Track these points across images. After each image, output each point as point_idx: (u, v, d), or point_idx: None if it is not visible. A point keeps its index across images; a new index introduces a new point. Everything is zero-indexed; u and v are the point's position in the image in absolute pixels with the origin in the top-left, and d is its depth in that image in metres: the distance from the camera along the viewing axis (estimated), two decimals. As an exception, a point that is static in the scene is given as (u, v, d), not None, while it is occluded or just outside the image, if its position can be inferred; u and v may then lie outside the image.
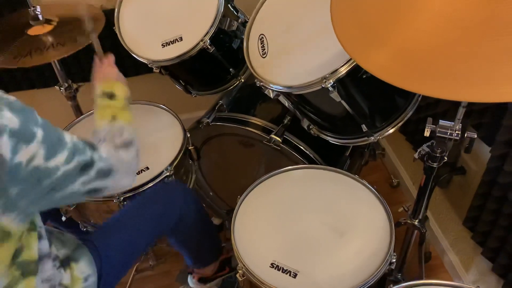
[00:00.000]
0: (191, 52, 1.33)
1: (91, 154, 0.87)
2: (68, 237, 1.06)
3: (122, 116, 1.04)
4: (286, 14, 1.25)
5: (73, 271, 0.99)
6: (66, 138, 0.83)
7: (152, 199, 1.25)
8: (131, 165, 0.98)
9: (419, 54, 0.72)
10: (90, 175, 0.87)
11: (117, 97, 1.08)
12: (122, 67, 1.92)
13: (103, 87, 1.09)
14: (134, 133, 1.02)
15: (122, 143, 0.97)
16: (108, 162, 0.90)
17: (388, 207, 1.18)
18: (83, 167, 0.85)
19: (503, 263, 1.32)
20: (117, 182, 0.94)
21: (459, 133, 1.04)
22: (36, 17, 1.36)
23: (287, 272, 1.08)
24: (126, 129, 1.01)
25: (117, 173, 0.93)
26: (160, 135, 1.48)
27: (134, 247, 1.20)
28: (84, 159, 0.85)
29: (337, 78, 1.06)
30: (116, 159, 0.93)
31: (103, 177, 0.89)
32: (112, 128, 1.00)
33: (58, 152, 0.80)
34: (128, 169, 0.96)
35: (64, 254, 1.00)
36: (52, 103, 2.02)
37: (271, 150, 1.44)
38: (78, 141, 0.85)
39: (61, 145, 0.81)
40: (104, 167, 0.89)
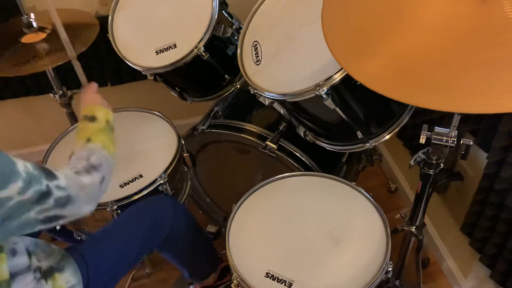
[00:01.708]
0: (185, 59, 1.32)
1: (47, 183, 0.84)
2: (54, 248, 1.05)
3: (98, 138, 1.04)
4: (280, 21, 1.25)
5: (56, 282, 0.98)
6: (19, 168, 0.80)
7: (142, 213, 1.24)
8: (93, 191, 0.94)
9: (411, 64, 0.71)
10: (47, 205, 0.84)
11: (98, 119, 1.08)
12: (118, 73, 1.95)
13: (85, 112, 1.10)
14: (104, 159, 1.01)
15: (87, 167, 0.95)
16: (66, 191, 0.87)
17: (384, 215, 1.17)
18: (39, 197, 0.82)
19: (501, 270, 1.31)
20: (76, 210, 0.91)
21: (455, 140, 1.03)
22: (30, 24, 1.36)
23: (282, 282, 1.06)
24: (97, 153, 1.00)
25: (77, 201, 0.90)
26: (154, 142, 1.47)
27: (124, 258, 1.19)
28: (39, 189, 0.82)
29: (331, 85, 1.05)
30: (76, 186, 0.90)
31: (61, 206, 0.87)
32: (82, 151, 0.99)
33: (11, 182, 0.77)
34: (89, 196, 0.93)
35: (48, 265, 0.99)
36: (47, 110, 2.02)
37: (267, 157, 1.43)
38: (33, 170, 0.82)
39: (14, 175, 0.78)
40: (62, 196, 0.86)
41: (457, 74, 0.66)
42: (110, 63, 1.90)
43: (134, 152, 1.43)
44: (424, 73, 0.69)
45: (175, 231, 1.27)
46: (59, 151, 1.46)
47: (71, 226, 1.40)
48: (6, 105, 2.00)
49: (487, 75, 0.64)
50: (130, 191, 1.30)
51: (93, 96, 1.16)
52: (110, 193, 1.29)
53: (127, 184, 1.34)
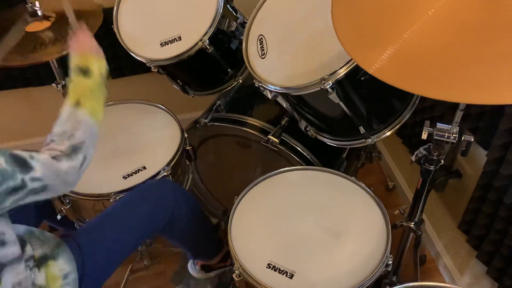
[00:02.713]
0: (189, 52, 1.33)
1: (22, 177, 0.83)
2: (48, 236, 1.04)
3: (87, 101, 0.98)
4: (286, 15, 1.26)
5: (50, 269, 0.98)
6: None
7: (141, 200, 1.22)
8: (70, 177, 0.92)
9: (418, 56, 0.72)
10: (22, 194, 0.84)
11: (92, 73, 1.02)
12: (119, 66, 1.95)
13: (78, 61, 1.03)
14: (89, 130, 0.97)
15: (68, 150, 0.92)
16: (42, 181, 0.86)
17: (384, 209, 1.19)
18: (13, 190, 0.82)
19: (497, 267, 1.33)
20: (51, 195, 0.91)
21: (456, 136, 1.05)
22: (35, 13, 1.35)
23: (284, 272, 1.08)
24: (83, 125, 0.96)
25: (53, 188, 0.89)
26: (157, 134, 1.47)
27: (121, 246, 1.17)
28: (13, 184, 0.82)
29: (336, 79, 1.06)
30: (52, 174, 0.88)
31: (36, 193, 0.87)
32: (69, 120, 0.95)
33: None
34: (65, 181, 0.91)
35: (42, 253, 0.99)
36: (47, 101, 2.02)
37: (268, 151, 1.44)
38: (5, 166, 0.81)
39: None
40: (38, 186, 0.86)
41: (463, 66, 0.68)
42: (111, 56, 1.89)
43: (138, 144, 1.44)
44: (431, 64, 0.70)
45: (175, 218, 1.26)
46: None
47: (72, 216, 1.40)
48: (5, 95, 1.99)
49: (492, 67, 0.66)
50: (133, 183, 1.31)
51: (87, 41, 1.09)
52: (113, 184, 1.31)
53: (130, 175, 1.34)
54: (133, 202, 1.22)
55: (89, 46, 1.08)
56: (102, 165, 1.37)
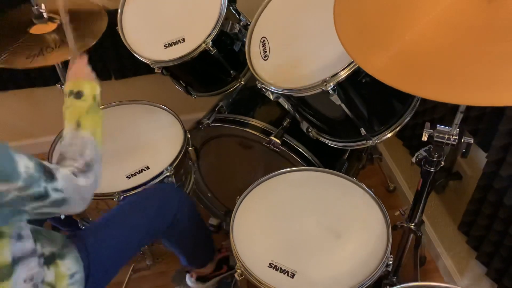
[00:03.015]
0: (193, 53, 1.34)
1: (45, 185, 0.85)
2: (55, 235, 1.06)
3: (87, 122, 1.02)
4: (288, 17, 1.27)
5: (58, 268, 1.00)
6: (20, 168, 0.80)
7: (147, 200, 1.25)
8: (87, 193, 0.96)
9: (419, 58, 0.74)
10: (43, 204, 0.86)
11: (84, 96, 1.05)
12: (123, 67, 1.97)
13: (71, 86, 1.06)
14: (95, 151, 1.00)
15: (83, 167, 0.95)
16: (63, 193, 0.88)
17: (385, 209, 1.20)
18: (37, 198, 0.84)
19: (497, 268, 1.34)
20: (69, 210, 0.93)
21: (456, 138, 1.06)
22: (40, 15, 1.36)
23: (285, 272, 1.09)
24: (89, 145, 0.99)
25: (71, 202, 0.91)
26: (160, 135, 1.49)
27: (126, 246, 1.20)
28: (37, 191, 0.83)
29: (338, 81, 1.08)
30: (72, 189, 0.90)
31: (56, 206, 0.89)
32: (75, 141, 0.99)
33: (11, 181, 0.78)
34: (82, 197, 0.94)
35: (50, 251, 1.00)
36: (51, 102, 2.03)
37: (270, 152, 1.46)
38: (33, 171, 0.83)
39: (15, 175, 0.79)
40: (58, 198, 0.87)
41: (464, 67, 0.69)
42: (113, 57, 1.92)
43: (141, 144, 1.45)
44: (432, 66, 0.71)
45: (177, 220, 1.28)
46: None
47: (76, 215, 1.41)
48: (10, 96, 2.01)
49: (493, 69, 0.67)
50: (137, 183, 1.32)
51: (81, 68, 1.12)
52: (117, 183, 1.33)
53: (133, 175, 1.36)
54: (138, 203, 1.24)
55: (82, 73, 1.11)
56: (106, 165, 1.35)
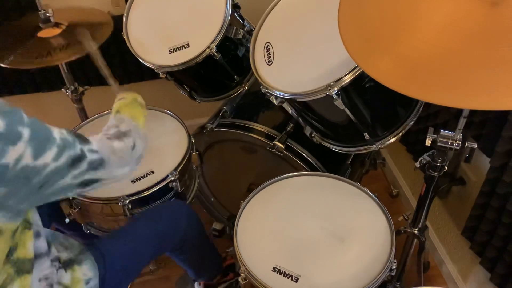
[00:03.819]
0: (197, 58, 1.36)
1: (81, 147, 0.86)
2: (72, 242, 1.08)
3: (126, 110, 1.09)
4: (292, 23, 1.28)
5: (75, 273, 1.01)
6: (55, 133, 0.82)
7: (159, 217, 1.27)
8: (124, 155, 0.97)
9: (422, 62, 0.74)
10: (81, 168, 0.87)
11: (125, 98, 1.16)
12: (128, 72, 1.98)
13: (123, 113, 1.12)
14: (133, 127, 1.04)
15: (117, 133, 0.99)
16: (99, 154, 0.90)
17: (389, 214, 1.20)
18: (74, 161, 0.85)
19: (501, 273, 1.33)
20: (111, 173, 0.94)
21: (460, 143, 1.06)
22: (48, 19, 1.39)
23: (289, 276, 1.09)
24: (126, 121, 1.04)
25: (109, 164, 0.93)
26: (165, 139, 1.49)
27: (139, 257, 1.22)
28: (74, 153, 0.84)
29: (341, 86, 1.08)
30: (108, 150, 0.93)
31: (95, 169, 0.89)
32: (112, 121, 1.04)
33: (47, 149, 0.79)
34: (121, 160, 0.96)
35: (67, 257, 1.02)
36: (57, 106, 2.05)
37: (273, 156, 1.46)
38: (67, 135, 0.85)
39: (49, 142, 0.80)
40: (95, 158, 0.89)
41: (467, 72, 0.70)
42: (118, 62, 1.93)
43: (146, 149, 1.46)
44: (435, 71, 0.72)
45: (187, 237, 1.31)
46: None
47: (80, 219, 1.42)
48: (16, 100, 2.02)
49: (496, 74, 0.68)
50: (142, 187, 1.33)
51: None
52: (122, 187, 1.33)
53: (138, 179, 1.36)
54: (151, 217, 1.27)
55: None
56: None
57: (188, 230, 1.31)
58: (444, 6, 0.76)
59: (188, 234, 1.31)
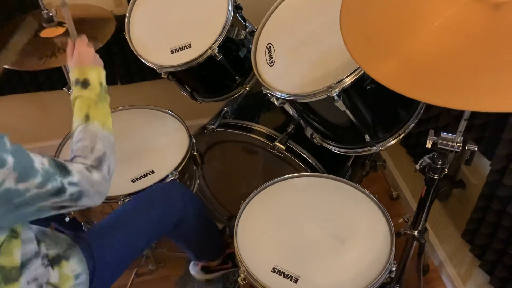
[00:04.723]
0: (199, 59, 1.36)
1: (61, 180, 0.87)
2: (61, 237, 1.07)
3: (96, 113, 1.01)
4: (294, 24, 1.29)
5: (63, 269, 1.00)
6: (37, 164, 0.83)
7: (152, 201, 1.25)
8: (102, 187, 0.97)
9: (424, 64, 0.74)
10: (63, 198, 0.88)
11: (91, 84, 1.03)
12: (129, 73, 1.99)
13: (76, 74, 1.04)
14: (107, 141, 1.01)
15: (95, 160, 0.96)
16: (79, 187, 0.90)
17: (389, 216, 1.20)
18: (56, 192, 0.86)
19: (500, 276, 1.33)
20: (87, 203, 0.95)
21: (460, 145, 1.06)
22: (51, 19, 1.39)
23: (289, 277, 1.09)
24: (100, 138, 1.00)
25: (88, 196, 0.93)
26: (165, 139, 1.50)
27: (131, 248, 1.20)
28: (55, 186, 0.85)
29: (343, 87, 1.08)
30: (87, 183, 0.92)
31: (75, 200, 0.91)
32: (85, 135, 0.99)
33: (30, 178, 0.81)
34: (98, 191, 0.96)
35: (55, 253, 1.01)
36: (58, 105, 2.05)
37: (274, 157, 1.47)
38: (48, 166, 0.85)
39: (32, 171, 0.81)
40: (75, 191, 0.90)
41: (469, 74, 0.70)
42: (120, 62, 1.94)
43: (146, 148, 1.47)
44: (437, 73, 0.72)
45: (184, 219, 1.29)
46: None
47: (80, 218, 1.42)
48: (17, 99, 2.03)
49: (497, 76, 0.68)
50: (142, 186, 1.33)
51: (83, 51, 1.09)
52: (122, 187, 1.34)
53: (139, 179, 1.37)
54: (143, 205, 1.24)
55: (86, 57, 1.09)
56: None
57: (185, 210, 1.29)
58: (446, 9, 0.76)
59: (185, 214, 1.28)
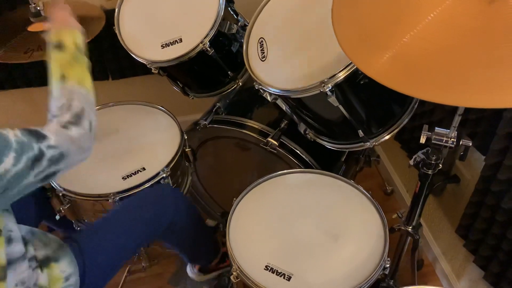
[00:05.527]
0: (190, 53, 1.34)
1: (38, 146, 0.84)
2: (51, 238, 1.05)
3: (71, 73, 0.98)
4: (286, 18, 1.27)
5: (52, 271, 0.99)
6: (10, 137, 0.80)
7: (143, 204, 1.24)
8: (84, 142, 0.93)
9: (418, 60, 0.73)
10: (42, 166, 0.85)
11: (66, 47, 1.01)
12: (120, 68, 1.96)
13: (52, 38, 1.02)
14: (84, 99, 0.97)
15: (73, 117, 0.92)
16: (58, 148, 0.87)
17: (382, 213, 1.19)
18: (33, 162, 0.83)
19: (494, 271, 1.33)
20: (71, 162, 0.92)
21: (455, 140, 1.05)
22: (38, 13, 1.36)
23: (281, 275, 1.08)
24: (76, 95, 0.95)
25: (69, 155, 0.90)
26: (157, 136, 1.48)
27: (122, 250, 1.19)
28: (32, 155, 0.83)
29: (336, 83, 1.07)
30: (66, 141, 0.89)
31: (55, 163, 0.87)
32: (61, 93, 0.95)
33: (5, 156, 0.78)
34: (80, 147, 0.92)
35: (44, 254, 0.99)
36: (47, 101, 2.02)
37: (267, 153, 1.45)
38: (22, 137, 0.82)
39: (6, 147, 0.79)
40: (55, 154, 0.86)
41: (463, 70, 0.68)
42: (111, 57, 1.91)
43: (137, 145, 1.45)
44: (431, 67, 0.71)
45: (175, 222, 1.28)
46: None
47: (71, 216, 1.40)
48: (6, 95, 2.00)
49: (492, 71, 0.67)
50: (132, 184, 1.31)
51: (62, 16, 1.07)
52: (113, 184, 1.32)
53: (129, 176, 1.35)
54: (134, 206, 1.23)
55: (63, 21, 1.06)
56: (102, 166, 1.38)
57: (177, 213, 1.28)
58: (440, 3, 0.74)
59: (177, 217, 1.28)
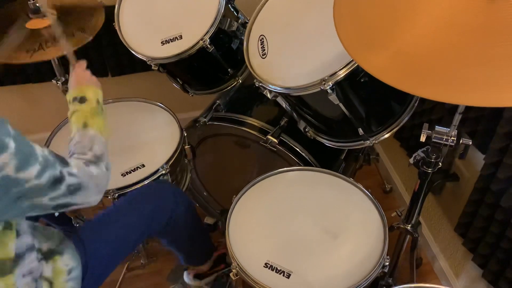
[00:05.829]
0: (190, 50, 1.33)
1: (60, 169, 0.86)
2: (52, 232, 1.06)
3: (93, 123, 1.04)
4: (287, 16, 1.26)
5: (56, 264, 1.00)
6: (37, 151, 0.82)
7: (143, 199, 1.25)
8: (101, 181, 0.97)
9: (418, 58, 0.73)
10: (60, 190, 0.86)
11: (88, 100, 1.07)
12: (120, 64, 1.95)
13: (74, 94, 1.08)
14: (105, 145, 1.02)
15: (93, 157, 0.97)
16: (78, 178, 0.89)
17: (382, 210, 1.20)
18: (54, 182, 0.84)
19: (493, 270, 1.33)
20: (85, 199, 0.94)
21: (455, 139, 1.05)
22: (37, 10, 1.35)
23: (281, 272, 1.08)
24: (97, 141, 1.01)
25: (87, 189, 0.92)
26: (156, 133, 1.48)
27: (123, 243, 1.20)
28: (54, 174, 0.84)
29: (336, 80, 1.07)
30: (86, 175, 0.92)
31: (72, 193, 0.89)
32: (83, 139, 1.00)
33: (30, 165, 0.79)
34: (97, 185, 0.95)
35: (48, 247, 1.00)
36: (47, 98, 2.02)
37: (267, 151, 1.45)
38: (48, 155, 0.85)
39: (32, 158, 0.80)
40: (74, 183, 0.88)
41: (463, 68, 0.68)
42: (110, 54, 1.90)
43: (137, 142, 1.44)
44: (431, 65, 0.71)
45: (174, 218, 1.28)
46: (59, 139, 1.47)
47: (70, 213, 1.40)
48: (5, 91, 1.99)
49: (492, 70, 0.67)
50: (132, 180, 1.31)
51: (82, 75, 1.14)
52: (112, 181, 1.29)
53: (129, 173, 1.35)
54: (135, 201, 1.25)
55: (84, 80, 1.13)
56: None
57: (176, 208, 1.29)
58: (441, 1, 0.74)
59: (176, 213, 1.29)
